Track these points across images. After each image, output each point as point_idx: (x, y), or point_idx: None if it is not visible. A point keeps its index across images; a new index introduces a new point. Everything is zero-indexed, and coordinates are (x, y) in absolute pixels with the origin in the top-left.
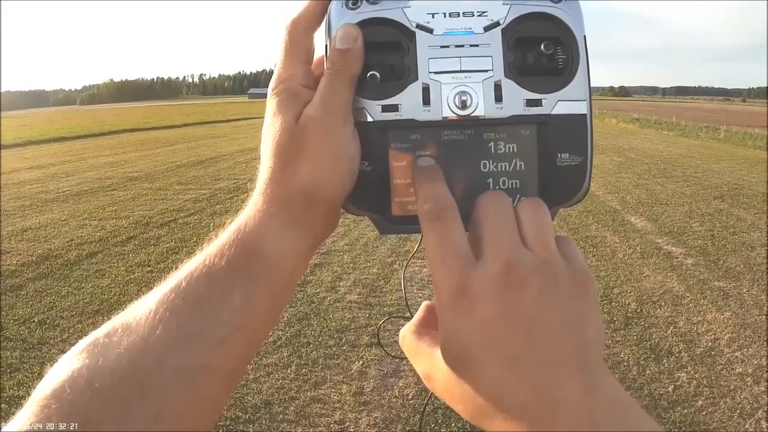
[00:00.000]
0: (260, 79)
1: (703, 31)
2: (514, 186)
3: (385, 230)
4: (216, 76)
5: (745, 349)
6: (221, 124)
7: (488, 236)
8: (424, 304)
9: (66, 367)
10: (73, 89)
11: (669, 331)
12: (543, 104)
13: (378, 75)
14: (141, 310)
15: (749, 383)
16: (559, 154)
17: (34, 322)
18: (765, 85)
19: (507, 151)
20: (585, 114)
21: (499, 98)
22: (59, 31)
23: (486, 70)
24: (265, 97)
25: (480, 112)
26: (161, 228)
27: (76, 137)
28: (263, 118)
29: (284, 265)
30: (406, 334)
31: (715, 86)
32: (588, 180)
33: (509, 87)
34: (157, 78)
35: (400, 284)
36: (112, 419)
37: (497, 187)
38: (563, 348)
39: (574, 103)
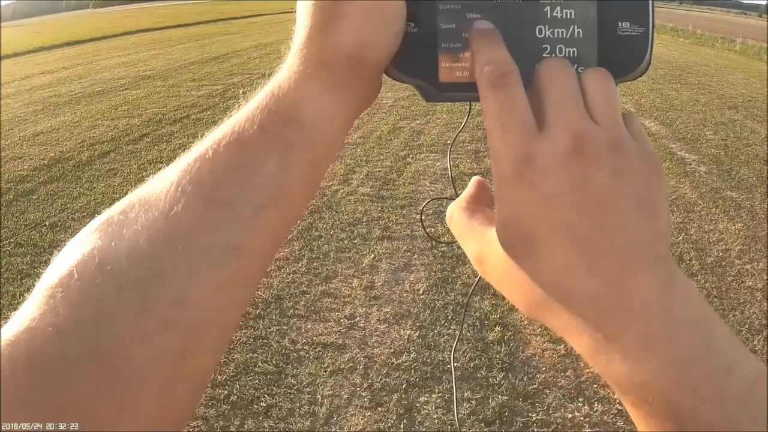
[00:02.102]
0: None
1: None
2: (571, 54)
3: (431, 98)
4: None
5: (756, 263)
6: (235, 21)
7: (553, 105)
8: (475, 179)
9: (75, 250)
10: None
11: (680, 238)
12: None
13: None
14: (161, 183)
15: (759, 298)
16: (620, 23)
17: (45, 225)
18: None
19: (565, 16)
20: None
21: None
22: None
23: None
24: None
25: None
26: (174, 125)
27: (89, 40)
28: (276, 14)
29: (323, 130)
30: (455, 210)
31: None
32: (650, 53)
33: None
34: None
35: (417, 174)
36: (128, 307)
37: (554, 55)
38: (638, 236)
39: None
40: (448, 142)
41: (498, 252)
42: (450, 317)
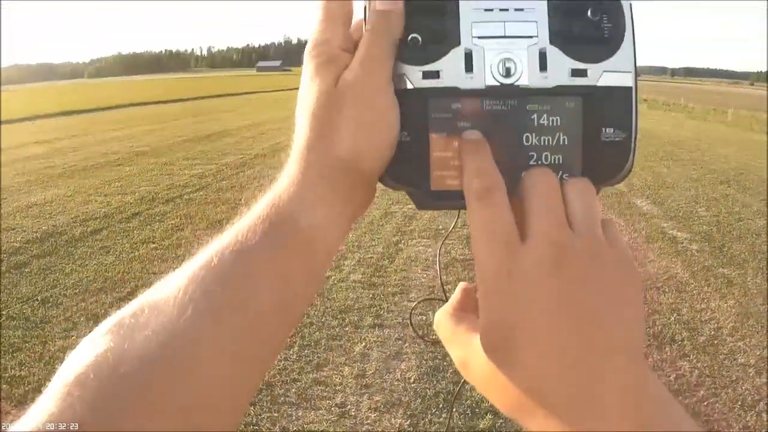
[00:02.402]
0: (269, 53)
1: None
2: (556, 161)
3: (422, 205)
4: (224, 48)
5: (748, 339)
6: (229, 98)
7: (535, 216)
8: (461, 286)
9: (89, 350)
10: (80, 62)
11: (672, 318)
12: (588, 75)
13: (419, 38)
14: (170, 288)
15: (751, 374)
16: (603, 129)
17: (37, 300)
18: None
19: (550, 124)
20: (631, 87)
21: (543, 67)
22: (66, 4)
23: (531, 36)
24: (273, 71)
25: (524, 80)
26: (167, 204)
27: (83, 111)
28: (271, 92)
29: (321, 239)
30: (442, 317)
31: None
32: (632, 158)
33: (554, 55)
34: (165, 50)
35: (409, 261)
36: (142, 408)
37: (540, 162)
38: (613, 343)
39: (620, 74)
40: (440, 228)
41: (481, 357)
42: (441, 406)
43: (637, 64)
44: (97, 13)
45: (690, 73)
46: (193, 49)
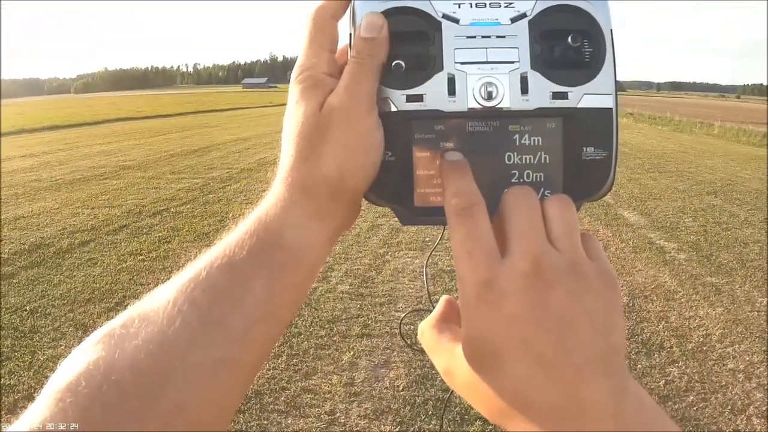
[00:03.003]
0: (254, 70)
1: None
2: (538, 179)
3: (407, 221)
4: (210, 65)
5: (737, 345)
6: (215, 114)
7: (515, 232)
8: (444, 298)
9: (81, 359)
10: (67, 78)
11: (661, 326)
12: (569, 97)
13: (403, 64)
14: (159, 300)
15: (740, 379)
16: (584, 148)
17: (26, 310)
18: (760, 82)
19: (532, 143)
20: (611, 108)
21: (525, 90)
22: (54, 20)
23: (512, 62)
24: (259, 88)
25: (506, 103)
26: (153, 217)
27: (70, 126)
28: (257, 108)
29: (306, 255)
30: (426, 328)
31: (710, 82)
32: (613, 175)
33: (535, 79)
34: (152, 67)
35: (396, 272)
36: (131, 414)
37: (522, 180)
38: (592, 350)
39: (601, 96)
40: (427, 239)
41: (464, 366)
42: (431, 412)
43: (623, 79)
44: (84, 29)
45: (676, 87)
46: (179, 66)
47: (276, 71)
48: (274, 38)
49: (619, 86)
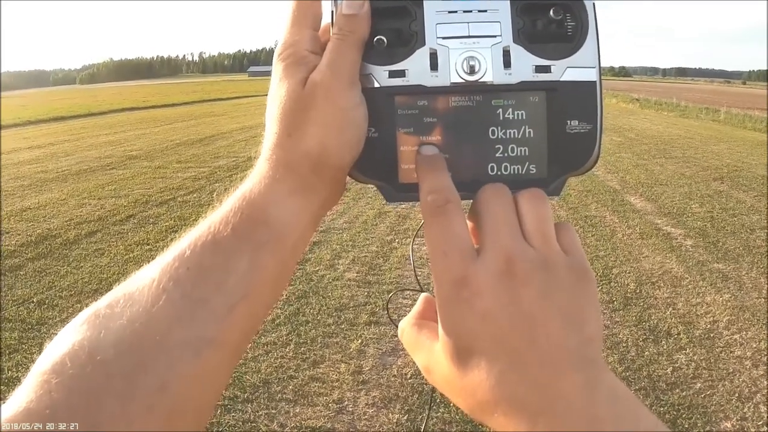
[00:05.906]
0: (260, 58)
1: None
2: (522, 153)
3: (392, 198)
4: (216, 54)
5: (744, 332)
6: (221, 102)
7: (488, 229)
8: (423, 296)
9: (66, 339)
10: (72, 69)
11: (668, 312)
12: (552, 71)
13: (385, 40)
14: (143, 279)
15: (748, 366)
16: (568, 122)
17: (33, 302)
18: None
19: (516, 117)
20: (594, 81)
21: (507, 64)
22: (58, 11)
23: (494, 36)
24: (265, 76)
25: (488, 77)
26: (160, 206)
27: (76, 116)
28: (263, 96)
29: (291, 232)
30: (406, 326)
31: (716, 68)
32: (598, 147)
33: (518, 53)
34: (157, 56)
35: (403, 259)
36: (116, 393)
37: (506, 155)
38: (564, 345)
39: (584, 69)
40: None
41: (443, 363)
42: (439, 400)
43: (628, 65)
44: (89, 20)
45: (681, 73)
46: (184, 55)
47: None
48: (279, 26)
49: (624, 72)
